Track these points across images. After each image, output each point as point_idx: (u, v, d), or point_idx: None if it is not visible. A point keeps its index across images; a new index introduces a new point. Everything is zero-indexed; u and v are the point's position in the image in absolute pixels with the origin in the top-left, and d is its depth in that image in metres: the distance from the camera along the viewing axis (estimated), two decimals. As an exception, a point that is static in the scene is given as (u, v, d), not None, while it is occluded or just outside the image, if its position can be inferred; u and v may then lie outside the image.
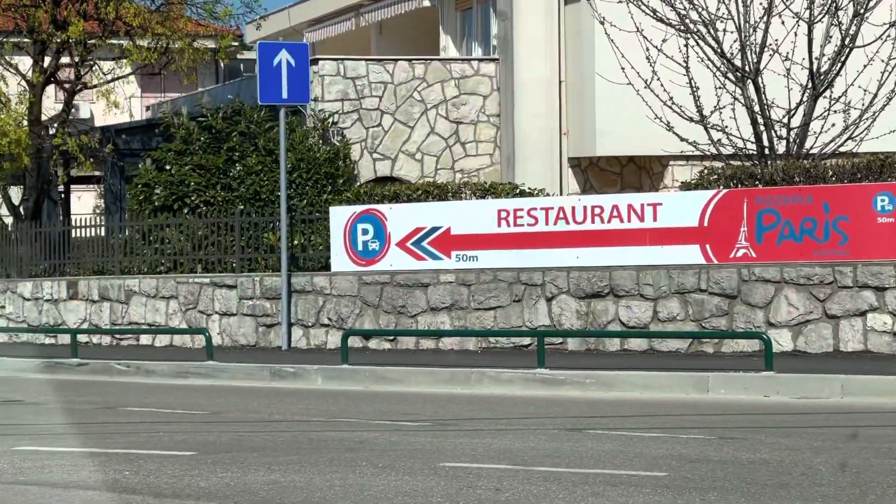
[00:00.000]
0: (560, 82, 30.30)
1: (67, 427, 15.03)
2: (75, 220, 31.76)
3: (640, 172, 31.13)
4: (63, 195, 36.43)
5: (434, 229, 22.73)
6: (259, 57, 23.17)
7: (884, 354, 19.13)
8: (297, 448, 12.41)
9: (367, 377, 19.65)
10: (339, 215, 23.77)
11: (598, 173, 30.92)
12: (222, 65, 42.28)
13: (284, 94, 23.15)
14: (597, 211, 21.45)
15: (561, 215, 21.70)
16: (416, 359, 21.16)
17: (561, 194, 28.28)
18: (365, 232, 23.34)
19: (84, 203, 39.99)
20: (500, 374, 18.84)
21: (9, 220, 32.15)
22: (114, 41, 31.36)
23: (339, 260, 23.67)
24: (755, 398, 16.66)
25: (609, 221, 21.27)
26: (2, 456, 12.03)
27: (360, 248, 23.39)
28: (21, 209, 31.64)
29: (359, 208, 23.74)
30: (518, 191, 24.54)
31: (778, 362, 17.63)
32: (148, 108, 42.51)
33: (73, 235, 29.56)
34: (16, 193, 32.28)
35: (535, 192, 24.54)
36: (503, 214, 22.17)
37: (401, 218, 23.11)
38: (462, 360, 20.73)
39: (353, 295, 23.48)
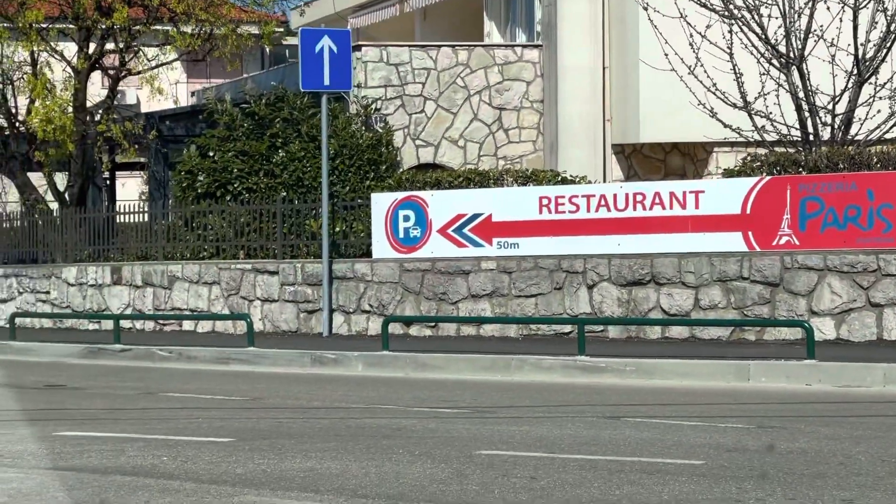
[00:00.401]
0: (604, 68, 30.22)
1: (108, 412, 15.14)
2: (120, 207, 31.99)
3: (684, 159, 31.02)
4: (108, 181, 36.61)
5: (475, 216, 22.74)
6: (301, 43, 23.22)
7: (927, 343, 19.09)
8: (334, 435, 12.45)
9: (407, 364, 19.68)
10: (381, 202, 23.83)
11: (641, 160, 30.85)
12: (267, 51, 42.25)
13: (326, 81, 23.21)
14: (638, 198, 21.42)
15: (602, 202, 21.68)
16: (457, 346, 21.18)
17: (604, 181, 28.25)
18: (406, 219, 23.39)
19: (129, 189, 40.13)
20: (540, 362, 18.86)
21: (54, 206, 32.30)
22: (158, 27, 31.41)
23: (381, 247, 23.72)
24: (796, 387, 16.61)
25: (651, 209, 21.24)
26: (42, 441, 12.12)
27: (401, 234, 23.43)
28: (66, 195, 31.79)
29: (400, 195, 23.78)
30: (560, 178, 24.51)
31: (820, 351, 17.57)
32: (193, 94, 42.59)
33: (118, 221, 29.70)
34: (61, 179, 32.44)
35: (577, 179, 24.49)
36: (545, 202, 22.17)
37: (442, 205, 23.14)
38: (503, 347, 20.74)
39: (394, 282, 23.53)
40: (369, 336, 22.93)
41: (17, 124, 31.86)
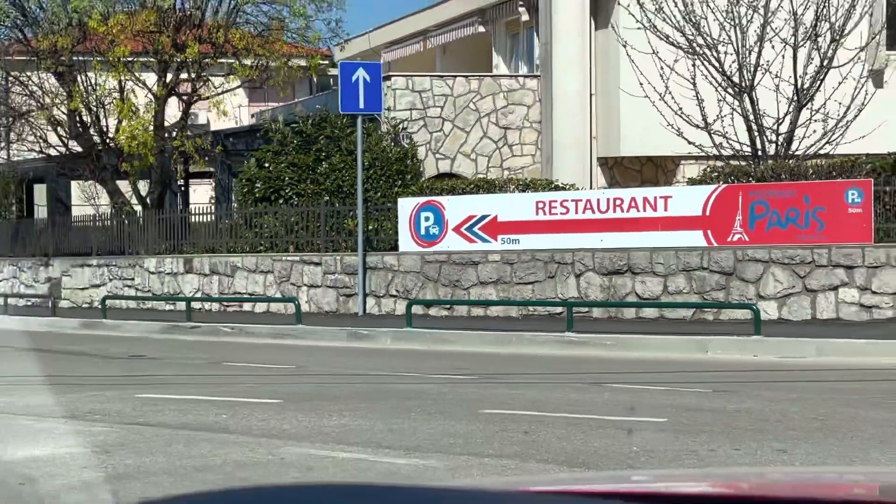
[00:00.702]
0: (591, 95, 30.20)
1: (179, 378, 15.24)
2: (192, 209, 32.05)
3: (656, 170, 31.04)
4: (182, 188, 36.71)
5: (484, 217, 22.79)
6: (340, 74, 23.30)
7: (852, 322, 19.06)
8: (365, 397, 12.52)
9: (427, 339, 19.76)
10: (406, 205, 23.90)
11: (622, 170, 30.86)
12: (315, 79, 42.24)
13: (361, 105, 23.24)
14: (618, 202, 21.46)
15: (588, 206, 21.72)
16: (468, 324, 21.22)
17: (591, 188, 28.20)
18: (427, 219, 23.46)
19: (199, 194, 40.18)
20: (535, 337, 18.92)
21: (137, 209, 32.43)
22: (223, 60, 31.51)
23: (405, 242, 23.79)
24: (745, 357, 16.65)
25: (628, 211, 21.27)
26: (126, 401, 12.23)
27: (422, 232, 23.50)
28: (147, 199, 31.93)
29: (421, 199, 23.84)
30: (553, 185, 24.55)
31: (765, 328, 17.64)
32: (252, 116, 42.65)
33: (190, 221, 29.87)
34: (143, 186, 32.58)
35: (568, 186, 24.53)
36: (540, 205, 22.22)
37: (456, 207, 23.19)
38: (505, 325, 20.81)
39: (416, 271, 23.59)
40: (396, 315, 22.99)
41: (107, 141, 31.97)
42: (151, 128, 30.33)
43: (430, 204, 23.51)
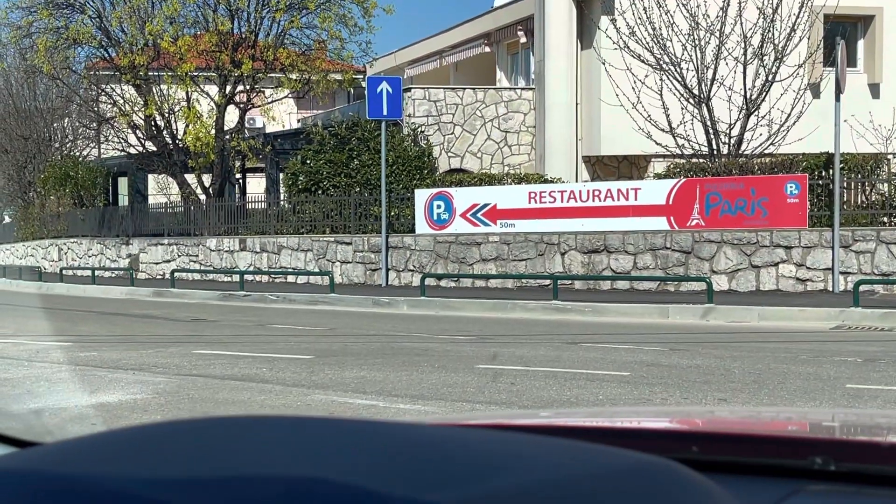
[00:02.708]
0: (577, 104, 30.10)
1: (230, 337, 15.24)
2: (248, 198, 32.05)
3: (631, 166, 30.90)
4: (240, 180, 36.72)
5: (486, 205, 22.74)
6: (367, 86, 23.20)
7: (790, 293, 19.00)
8: (381, 354, 12.52)
9: (437, 305, 19.72)
10: (421, 195, 23.84)
11: (602, 167, 30.73)
12: (351, 90, 42.13)
13: (385, 112, 23.17)
14: (596, 193, 21.39)
15: (571, 196, 21.65)
16: (472, 293, 21.15)
17: (576, 181, 28.16)
18: (439, 206, 23.41)
19: (253, 186, 40.15)
20: (526, 304, 18.86)
21: (202, 198, 32.46)
22: (273, 75, 31.47)
23: (421, 225, 23.75)
24: (699, 322, 16.60)
25: (604, 200, 21.21)
26: (183, 357, 12.24)
27: (435, 218, 23.46)
28: (210, 190, 31.94)
29: (434, 190, 23.78)
30: (543, 179, 24.48)
31: (717, 298, 17.62)
32: (299, 121, 42.64)
33: (246, 208, 29.87)
34: (206, 179, 32.56)
35: (555, 179, 24.50)
36: (532, 195, 22.16)
37: (463, 197, 23.13)
38: (503, 294, 20.75)
39: (429, 250, 23.56)
40: (412, 287, 22.95)
41: (177, 141, 31.96)
42: (213, 131, 30.31)
43: (441, 194, 23.46)
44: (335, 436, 1.11)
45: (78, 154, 41.70)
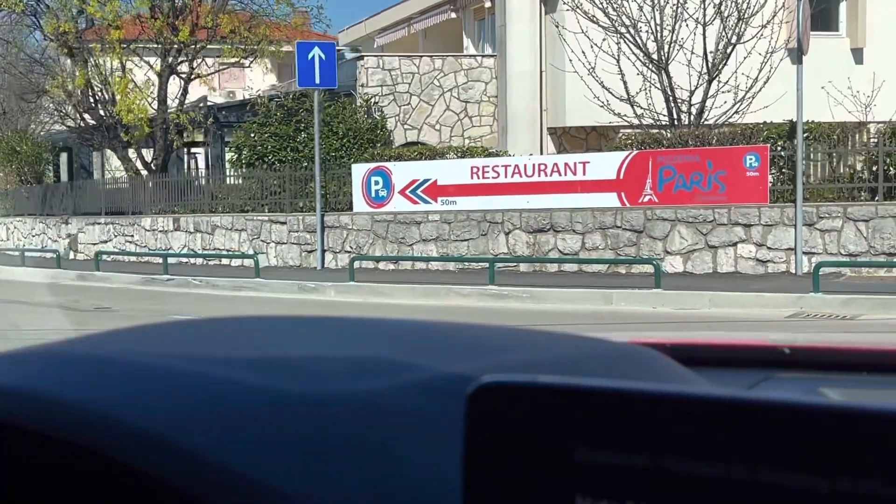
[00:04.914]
0: (541, 72, 28.79)
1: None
2: (193, 174, 30.70)
3: (600, 138, 29.55)
4: (189, 155, 35.31)
5: (426, 181, 21.32)
6: (297, 52, 21.69)
7: (749, 275, 17.70)
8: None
9: (366, 291, 18.44)
10: (358, 170, 22.43)
11: (569, 139, 29.45)
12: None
13: (317, 80, 21.76)
14: (542, 167, 20.01)
15: (516, 170, 20.24)
16: (412, 277, 19.76)
17: (541, 154, 26.89)
18: (377, 183, 22.01)
19: (200, 161, 38.76)
20: (461, 290, 17.60)
21: (145, 175, 31.05)
22: (211, 46, 30.01)
23: (359, 203, 22.36)
24: (646, 309, 15.40)
25: (550, 175, 19.84)
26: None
27: (373, 195, 22.08)
28: (152, 165, 30.51)
29: (372, 165, 22.35)
30: (486, 153, 23.06)
31: (670, 281, 16.50)
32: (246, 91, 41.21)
33: (185, 185, 28.40)
34: (147, 154, 31.05)
35: (502, 153, 23.20)
36: (474, 169, 20.72)
37: (402, 172, 21.71)
38: (443, 278, 19.44)
39: (367, 229, 22.18)
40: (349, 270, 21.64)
41: (112, 115, 30.43)
42: (146, 102, 28.90)
43: (379, 169, 22.07)
44: (358, 328, 1.31)
45: (30, 128, 40.24)
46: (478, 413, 0.84)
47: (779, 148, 18.40)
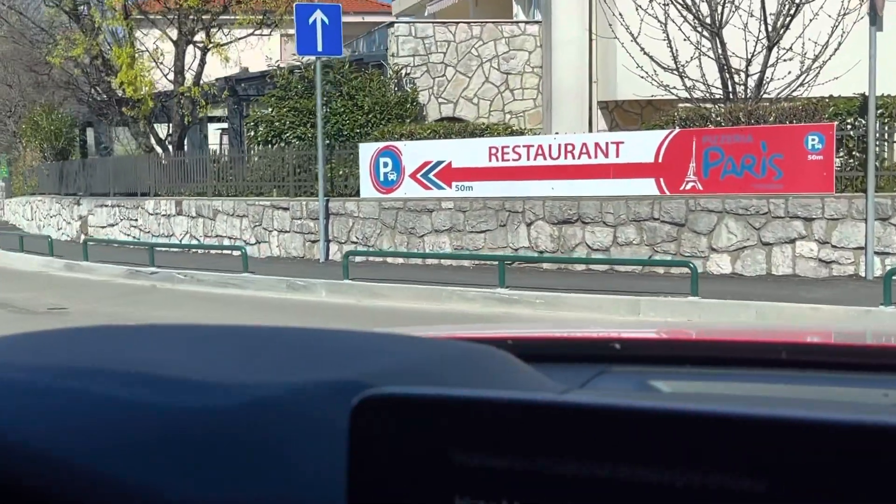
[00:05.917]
0: (591, 40, 26.11)
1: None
2: (200, 152, 28.48)
3: (656, 112, 26.81)
4: (208, 132, 33.08)
5: (439, 163, 18.79)
6: (297, 16, 19.27)
7: (809, 278, 15.00)
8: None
9: (360, 292, 16.03)
10: (366, 150, 19.96)
11: (622, 114, 26.79)
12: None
13: (319, 48, 19.37)
14: (569, 148, 17.37)
15: (539, 152, 17.62)
16: (418, 274, 17.28)
17: (591, 131, 24.29)
18: (385, 165, 19.52)
19: (226, 137, 36.56)
20: (465, 293, 15.15)
21: (160, 152, 28.88)
22: (227, 16, 27.73)
23: (366, 188, 19.90)
24: (678, 320, 12.74)
25: (579, 157, 17.22)
26: None
27: (381, 178, 19.60)
28: (167, 142, 28.33)
29: (381, 144, 19.86)
30: (508, 130, 20.45)
31: (712, 286, 14.04)
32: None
33: (187, 166, 26.13)
34: (161, 131, 28.89)
35: (526, 131, 20.67)
36: (493, 150, 18.14)
37: (413, 153, 19.18)
38: (455, 275, 16.99)
39: (375, 218, 19.70)
40: (356, 262, 19.14)
41: (117, 88, 28.17)
42: (157, 74, 26.69)
43: (388, 149, 19.57)
44: (217, 336, 1.36)
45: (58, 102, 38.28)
46: (361, 424, 0.90)
47: (847, 127, 15.64)
